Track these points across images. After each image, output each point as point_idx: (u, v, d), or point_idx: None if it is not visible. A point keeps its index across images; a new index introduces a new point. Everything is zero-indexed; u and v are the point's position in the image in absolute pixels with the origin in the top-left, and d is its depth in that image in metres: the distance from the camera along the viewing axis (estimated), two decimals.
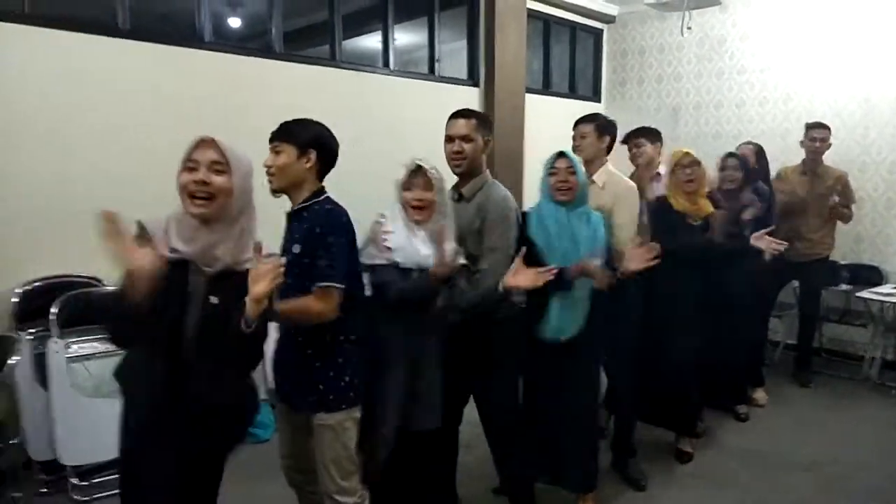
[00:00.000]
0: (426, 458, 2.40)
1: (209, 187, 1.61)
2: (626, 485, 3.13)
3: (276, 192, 2.05)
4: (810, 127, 4.49)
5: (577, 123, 3.16)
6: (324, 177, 2.12)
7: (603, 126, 3.06)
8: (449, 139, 2.52)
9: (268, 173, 2.02)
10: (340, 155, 2.14)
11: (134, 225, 1.65)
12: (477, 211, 2.46)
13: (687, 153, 3.30)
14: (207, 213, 1.62)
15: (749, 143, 4.41)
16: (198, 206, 1.62)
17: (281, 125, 2.07)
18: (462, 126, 2.49)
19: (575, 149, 3.15)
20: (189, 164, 1.63)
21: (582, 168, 2.60)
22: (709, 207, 3.33)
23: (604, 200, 2.84)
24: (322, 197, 2.07)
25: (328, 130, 2.11)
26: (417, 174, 2.17)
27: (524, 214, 2.68)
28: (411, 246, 2.15)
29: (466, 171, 2.50)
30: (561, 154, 2.61)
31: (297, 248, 1.98)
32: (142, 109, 3.44)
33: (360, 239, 2.15)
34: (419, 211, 2.16)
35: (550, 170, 2.61)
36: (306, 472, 2.15)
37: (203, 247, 1.63)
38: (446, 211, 2.24)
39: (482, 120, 2.56)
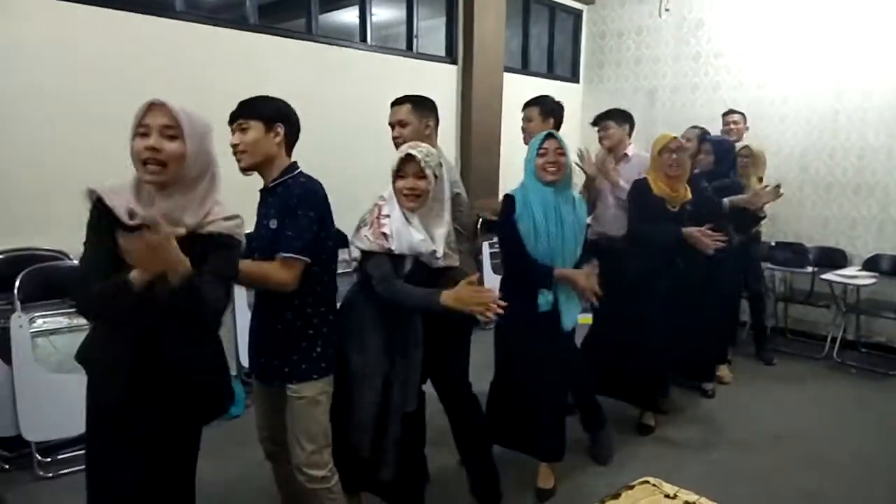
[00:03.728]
0: (403, 439, 2.39)
1: (161, 154, 1.55)
2: (590, 458, 3.19)
3: (246, 170, 2.03)
4: (726, 113, 4.80)
5: (524, 106, 3.31)
6: (291, 150, 2.10)
7: (548, 109, 3.24)
8: (391, 126, 2.65)
9: (236, 152, 2.01)
10: (317, 131, 2.09)
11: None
12: None
13: (675, 138, 3.29)
14: (161, 181, 1.58)
15: (695, 127, 4.36)
16: (151, 174, 1.57)
17: (241, 103, 2.03)
18: (396, 112, 2.63)
19: (522, 131, 3.29)
20: (140, 130, 1.57)
21: (569, 149, 2.62)
22: (687, 195, 3.33)
23: None
24: (296, 172, 2.06)
25: (288, 104, 2.08)
26: (409, 162, 2.12)
27: (507, 196, 2.68)
28: (407, 231, 2.13)
29: None
30: (550, 135, 2.63)
31: (273, 224, 1.99)
32: (108, 81, 3.33)
33: (335, 211, 2.11)
34: (411, 199, 2.13)
35: (539, 150, 2.61)
36: (283, 444, 2.18)
37: (164, 212, 1.56)
38: (442, 197, 2.22)
39: (418, 103, 2.63)
